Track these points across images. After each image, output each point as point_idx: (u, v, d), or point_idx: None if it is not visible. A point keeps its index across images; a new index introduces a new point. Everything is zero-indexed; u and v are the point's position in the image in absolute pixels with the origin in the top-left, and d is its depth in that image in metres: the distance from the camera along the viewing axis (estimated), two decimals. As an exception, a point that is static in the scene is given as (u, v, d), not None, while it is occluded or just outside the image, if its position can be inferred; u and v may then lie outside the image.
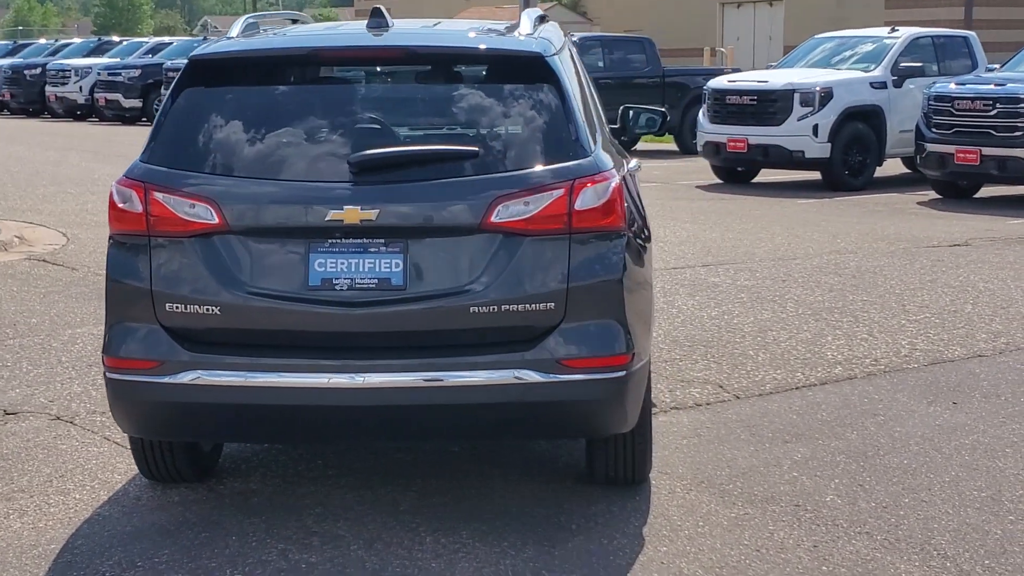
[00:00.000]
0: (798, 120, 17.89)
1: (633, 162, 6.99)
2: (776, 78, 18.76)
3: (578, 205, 4.89)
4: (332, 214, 4.81)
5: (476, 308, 4.83)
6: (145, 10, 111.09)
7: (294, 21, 6.48)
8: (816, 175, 18.63)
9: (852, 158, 18.11)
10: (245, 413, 4.95)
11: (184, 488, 5.69)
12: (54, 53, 38.87)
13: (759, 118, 18.26)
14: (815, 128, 17.80)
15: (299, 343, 4.90)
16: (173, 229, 4.91)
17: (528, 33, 5.44)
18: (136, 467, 5.69)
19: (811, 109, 17.83)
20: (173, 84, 5.20)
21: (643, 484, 5.69)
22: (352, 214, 4.81)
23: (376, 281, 4.84)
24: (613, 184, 4.99)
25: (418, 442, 6.03)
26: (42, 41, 47.10)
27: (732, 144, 18.44)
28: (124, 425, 5.16)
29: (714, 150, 18.87)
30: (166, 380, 4.90)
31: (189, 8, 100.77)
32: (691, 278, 10.82)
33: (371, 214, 4.81)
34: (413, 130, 5.04)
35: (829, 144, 17.85)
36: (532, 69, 5.14)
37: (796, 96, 17.95)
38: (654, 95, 24.53)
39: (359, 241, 4.86)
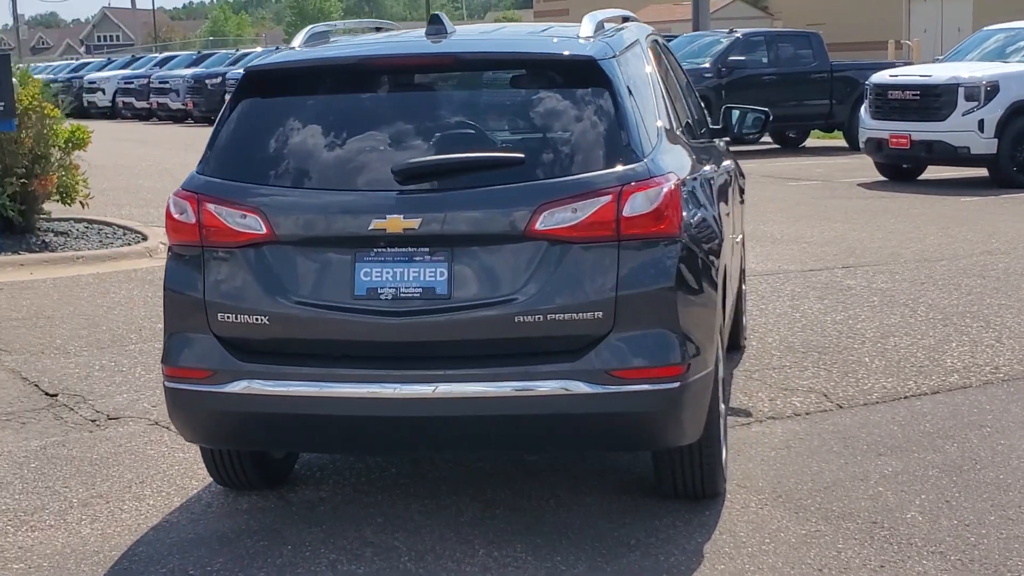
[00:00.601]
0: (963, 115, 17.30)
1: (726, 163, 6.84)
2: (940, 72, 18.17)
3: (627, 211, 4.76)
4: (375, 223, 4.77)
5: (522, 317, 4.74)
6: (334, 17, 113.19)
7: (378, 29, 6.45)
8: (986, 171, 17.97)
9: (1021, 154, 17.42)
10: (292, 422, 4.94)
11: (255, 495, 5.71)
12: (235, 63, 39.44)
13: (922, 113, 17.71)
14: (980, 123, 17.19)
15: (345, 352, 4.87)
16: (224, 240, 4.93)
17: (588, 36, 5.32)
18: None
19: (976, 104, 17.22)
20: (231, 95, 5.23)
21: (716, 498, 5.51)
22: (395, 223, 4.76)
23: (421, 290, 4.79)
24: (665, 189, 4.84)
25: (465, 453, 5.96)
26: (226, 51, 47.83)
27: (895, 140, 17.93)
28: (184, 433, 5.20)
29: (876, 146, 18.38)
30: (218, 389, 4.92)
31: (377, 14, 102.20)
32: (826, 280, 10.53)
33: (414, 223, 4.75)
34: (460, 137, 4.96)
35: (996, 139, 17.21)
36: (583, 73, 5.02)
37: (960, 90, 17.35)
38: (821, 90, 24.06)
39: (404, 250, 4.81)
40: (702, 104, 7.51)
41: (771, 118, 7.47)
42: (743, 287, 8.35)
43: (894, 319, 8.98)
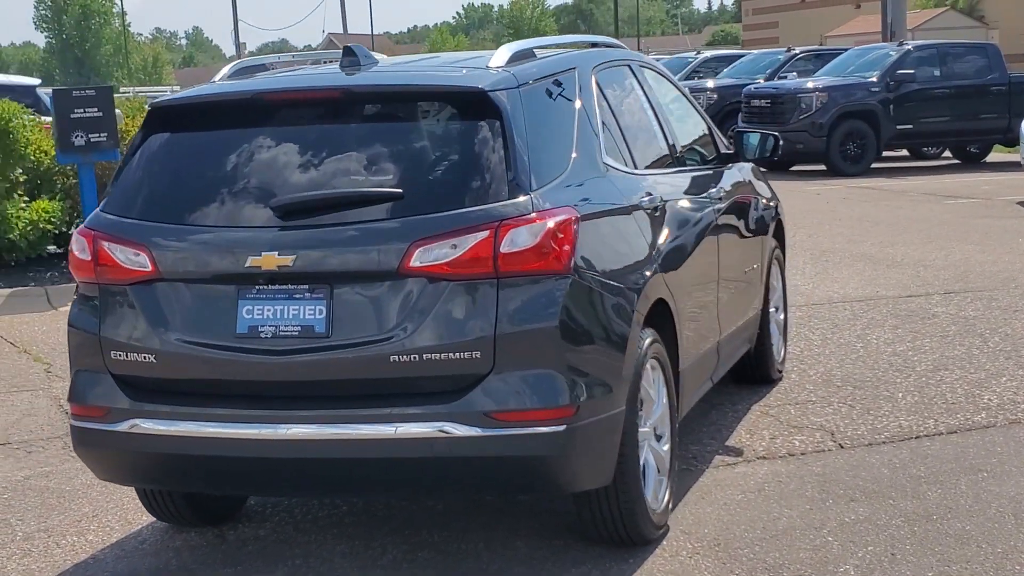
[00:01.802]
0: None
1: (733, 190, 6.58)
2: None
3: (504, 247, 4.59)
4: (251, 260, 4.71)
5: (398, 357, 4.61)
6: (548, 35, 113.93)
7: (316, 61, 6.40)
8: None
9: None
10: (178, 462, 4.92)
11: (194, 532, 5.70)
12: None
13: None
14: None
15: (228, 392, 4.82)
16: (117, 278, 4.94)
17: (498, 66, 5.16)
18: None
19: None
20: (139, 131, 5.24)
21: (648, 544, 5.28)
22: (269, 260, 4.69)
23: (300, 328, 4.70)
24: (550, 224, 4.65)
25: (348, 497, 5.82)
26: None
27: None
28: (92, 470, 5.22)
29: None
30: (111, 428, 4.93)
31: (593, 31, 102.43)
32: (914, 308, 10.04)
33: (288, 260, 4.68)
34: (344, 171, 4.85)
35: None
36: (473, 105, 4.87)
37: None
38: (998, 104, 23.11)
39: (284, 287, 4.74)
40: (711, 130, 7.23)
41: (780, 141, 7.17)
42: (781, 317, 8.02)
43: (958, 351, 8.51)
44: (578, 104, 5.40)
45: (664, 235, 5.63)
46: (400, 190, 4.72)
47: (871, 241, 13.94)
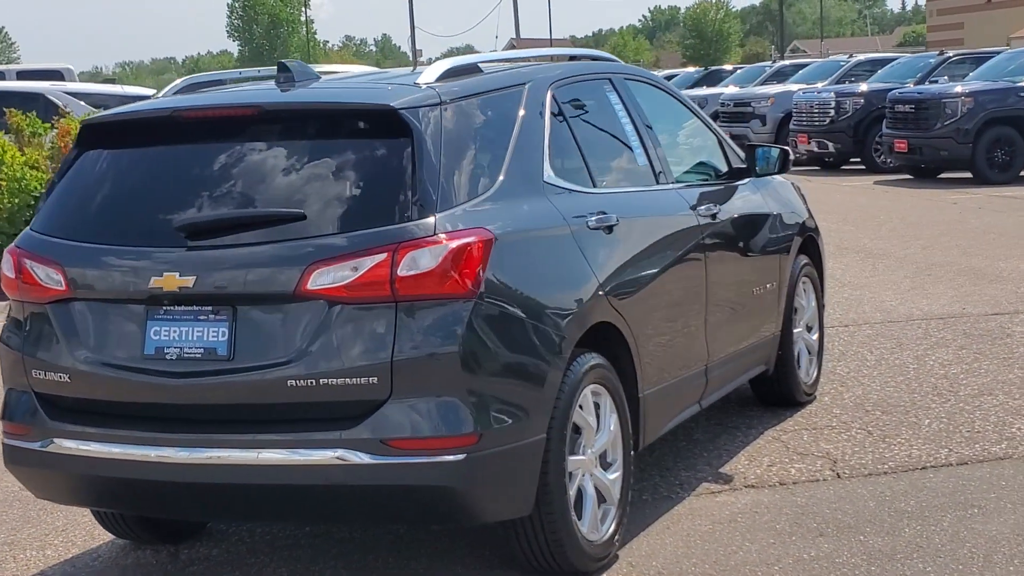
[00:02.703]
0: None
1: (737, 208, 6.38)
2: None
3: (402, 271, 4.48)
4: (154, 281, 4.69)
5: (295, 382, 4.53)
6: (734, 39, 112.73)
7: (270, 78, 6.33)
8: None
9: None
10: (93, 483, 4.91)
11: (150, 550, 5.71)
12: None
13: None
14: None
15: (136, 414, 4.80)
16: (37, 296, 4.97)
17: (427, 82, 5.04)
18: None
19: None
20: (71, 149, 5.26)
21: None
22: (170, 281, 4.66)
23: (203, 351, 4.66)
24: (453, 247, 4.52)
25: (248, 522, 5.73)
26: None
27: None
28: (26, 488, 5.26)
29: None
30: (32, 446, 4.96)
31: (781, 34, 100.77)
32: (992, 327, 9.58)
33: (188, 281, 4.64)
34: (251, 191, 4.78)
35: None
36: (383, 124, 4.76)
37: None
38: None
39: (190, 309, 4.70)
40: (723, 145, 6.98)
41: (790, 156, 6.91)
42: (814, 338, 7.71)
43: (1014, 375, 8.08)
44: (521, 121, 5.24)
45: (619, 256, 5.44)
46: (301, 211, 4.64)
47: (984, 254, 13.37)
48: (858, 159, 24.74)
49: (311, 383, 4.51)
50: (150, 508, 5.21)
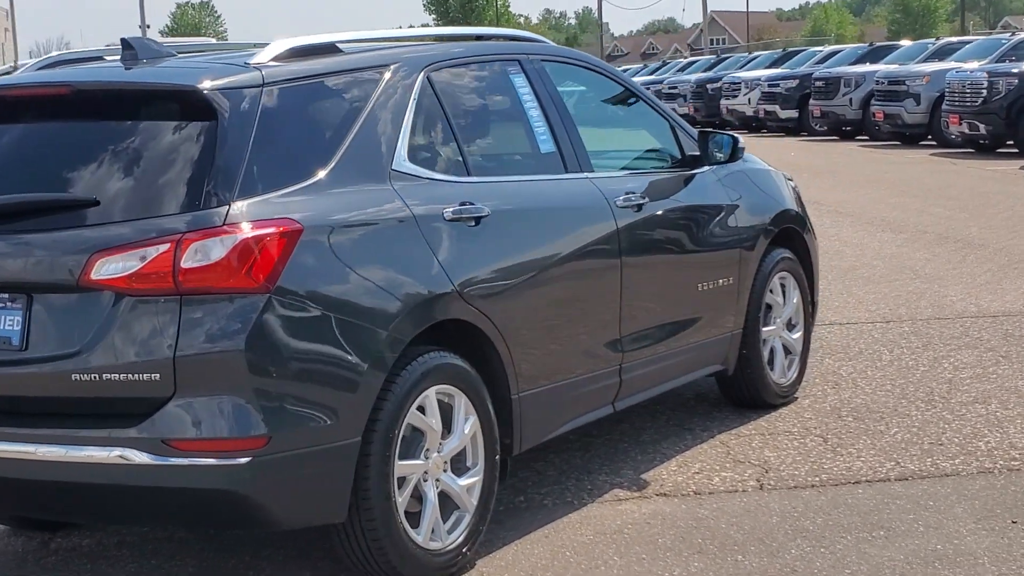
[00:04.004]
0: None
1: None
2: None
3: (186, 262, 4.28)
4: None
5: (80, 376, 4.37)
6: (940, 13, 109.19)
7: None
8: None
9: None
10: None
11: (24, 538, 5.64)
12: (822, 61, 33.99)
13: None
14: None
15: None
16: None
17: (261, 62, 4.82)
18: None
19: None
20: None
21: (419, 586, 4.86)
22: None
23: None
24: (243, 238, 4.31)
25: (32, 516, 5.52)
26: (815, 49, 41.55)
27: None
28: None
29: None
30: None
31: (992, 9, 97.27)
32: (1036, 327, 8.96)
33: None
34: (53, 174, 4.61)
35: None
36: (188, 106, 4.56)
37: None
38: None
39: None
40: (676, 132, 6.59)
41: (740, 143, 6.51)
42: (795, 337, 7.27)
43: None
44: (372, 106, 4.99)
45: (487, 249, 5.15)
46: (94, 197, 4.47)
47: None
48: (1011, 142, 23.60)
49: (95, 378, 4.34)
50: None
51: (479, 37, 6.03)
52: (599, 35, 76.38)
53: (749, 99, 33.08)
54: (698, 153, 6.56)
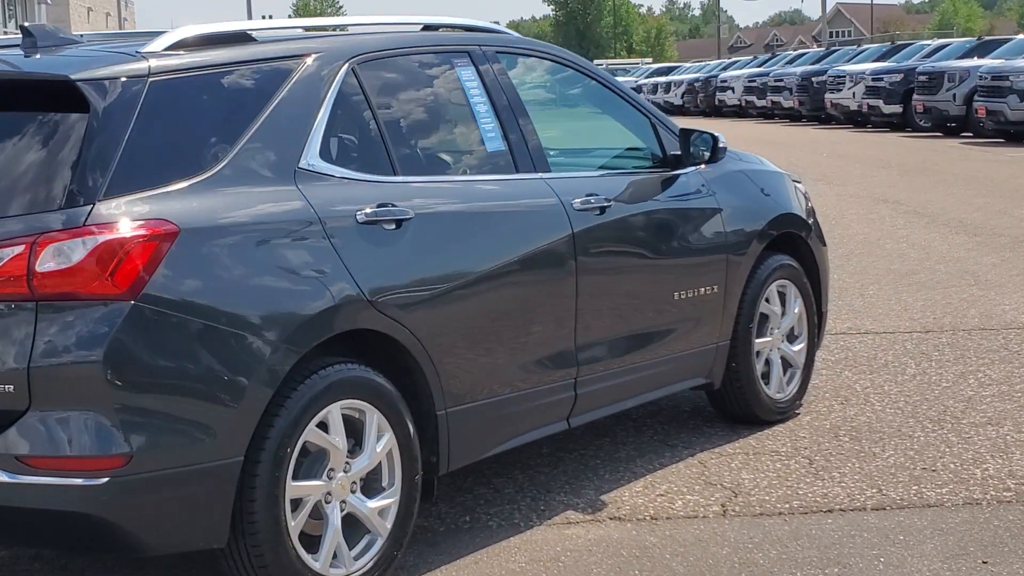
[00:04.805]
0: None
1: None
2: None
3: (41, 266, 4.00)
4: None
5: None
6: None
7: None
8: None
9: None
10: None
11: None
12: (930, 55, 32.60)
13: None
14: None
15: None
16: None
17: (152, 51, 4.51)
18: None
19: None
20: None
21: (320, 615, 4.54)
22: None
23: None
24: (103, 240, 4.01)
25: None
26: (924, 42, 40.74)
27: None
28: None
29: None
30: None
31: None
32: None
33: None
34: None
35: None
36: (61, 97, 4.26)
37: None
38: None
39: None
40: (656, 130, 6.17)
41: (720, 142, 6.08)
42: (795, 349, 6.82)
43: (1049, 401, 6.99)
44: (280, 99, 4.66)
45: (408, 255, 4.81)
46: None
47: None
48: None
49: None
50: None
51: (427, 27, 5.67)
52: (717, 26, 75.11)
53: (853, 93, 32.09)
54: (680, 152, 6.15)
